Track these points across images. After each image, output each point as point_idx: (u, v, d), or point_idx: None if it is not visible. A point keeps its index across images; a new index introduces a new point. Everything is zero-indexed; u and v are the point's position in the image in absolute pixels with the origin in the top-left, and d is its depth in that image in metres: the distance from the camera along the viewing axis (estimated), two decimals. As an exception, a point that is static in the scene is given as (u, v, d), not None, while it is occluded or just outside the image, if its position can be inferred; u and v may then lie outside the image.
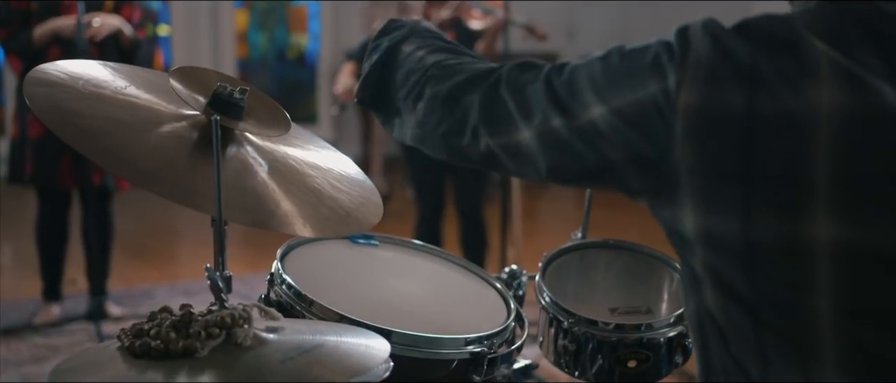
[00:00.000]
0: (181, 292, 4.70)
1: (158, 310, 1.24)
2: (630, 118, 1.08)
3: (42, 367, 3.66)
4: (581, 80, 1.14)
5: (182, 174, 1.33)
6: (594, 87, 1.12)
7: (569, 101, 1.14)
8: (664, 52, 1.08)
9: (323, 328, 1.34)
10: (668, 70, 1.06)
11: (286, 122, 1.44)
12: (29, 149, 3.92)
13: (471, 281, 1.84)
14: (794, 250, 1.01)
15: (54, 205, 4.13)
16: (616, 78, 1.11)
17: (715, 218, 1.04)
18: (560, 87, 1.16)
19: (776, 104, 1.01)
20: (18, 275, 5.19)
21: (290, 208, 1.37)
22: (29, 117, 3.90)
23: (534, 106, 1.17)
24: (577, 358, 1.69)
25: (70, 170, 3.92)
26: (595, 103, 1.11)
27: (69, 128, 1.28)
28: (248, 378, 1.15)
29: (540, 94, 1.17)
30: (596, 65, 1.14)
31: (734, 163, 1.02)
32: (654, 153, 1.08)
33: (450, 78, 1.27)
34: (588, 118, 1.12)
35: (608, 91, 1.11)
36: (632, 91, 1.09)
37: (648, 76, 1.08)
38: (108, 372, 1.16)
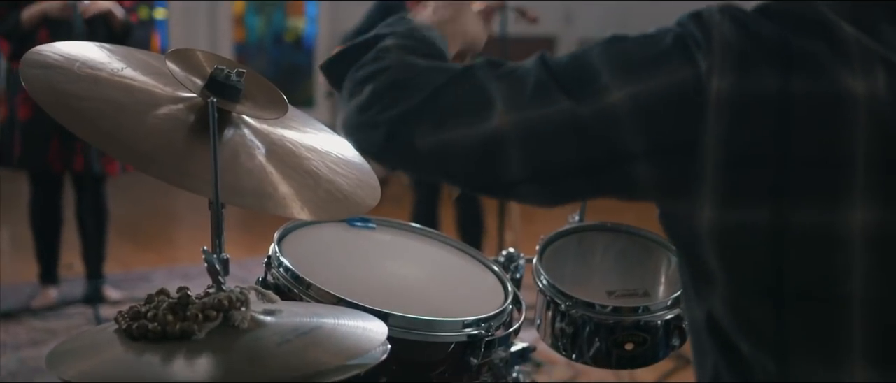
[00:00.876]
0: (179, 275, 4.71)
1: (156, 293, 1.24)
2: (657, 104, 1.01)
3: (40, 350, 3.67)
4: (593, 62, 1.05)
5: (179, 156, 1.33)
6: (612, 70, 1.03)
7: (578, 84, 1.04)
8: (686, 35, 1.02)
9: (320, 310, 1.34)
10: (697, 56, 1.00)
11: (283, 105, 1.44)
12: (18, 132, 3.91)
13: (468, 264, 1.84)
14: (829, 237, 0.98)
15: (46, 189, 4.13)
16: (637, 60, 1.03)
17: (740, 209, 0.99)
18: (563, 70, 1.07)
19: (812, 86, 0.97)
20: (16, 258, 5.19)
21: (287, 191, 1.37)
22: (17, 99, 3.89)
23: (520, 89, 1.06)
24: (574, 340, 1.69)
25: (59, 152, 3.91)
26: (614, 87, 1.02)
27: (65, 111, 1.28)
28: (246, 360, 1.15)
29: (531, 76, 1.07)
30: (608, 47, 1.06)
31: (768, 148, 0.98)
32: (680, 142, 1.01)
33: (410, 66, 1.15)
34: (606, 103, 1.02)
35: (630, 73, 1.02)
36: (659, 75, 1.01)
37: (676, 60, 1.01)
38: (105, 355, 1.16)
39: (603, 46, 1.07)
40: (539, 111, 1.05)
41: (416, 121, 1.09)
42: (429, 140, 1.08)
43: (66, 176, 4.14)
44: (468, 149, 1.07)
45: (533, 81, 1.07)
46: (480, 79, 1.09)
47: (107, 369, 1.12)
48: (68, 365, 1.13)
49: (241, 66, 1.39)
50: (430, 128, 1.08)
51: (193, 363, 1.13)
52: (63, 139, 3.86)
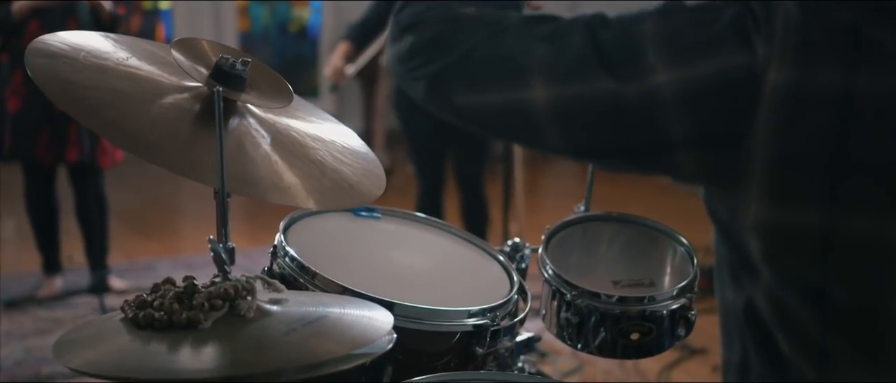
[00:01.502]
0: (184, 265, 4.71)
1: (162, 282, 1.24)
2: (706, 91, 0.92)
3: (45, 340, 3.68)
4: (642, 38, 0.96)
5: (184, 146, 1.33)
6: (660, 49, 0.94)
7: (624, 62, 0.95)
8: (746, 15, 0.92)
9: (326, 300, 1.34)
10: (756, 41, 0.90)
11: (288, 94, 1.44)
12: (7, 124, 3.91)
13: (474, 253, 1.83)
14: (882, 249, 0.90)
15: (38, 180, 4.13)
16: (688, 41, 0.93)
17: (788, 209, 0.92)
18: (610, 43, 0.97)
19: (879, 84, 0.88)
20: (20, 248, 5.19)
21: (293, 180, 1.37)
22: (7, 91, 3.88)
23: (560, 58, 0.97)
24: (579, 330, 1.69)
25: (49, 144, 3.91)
26: (662, 68, 0.93)
27: (71, 100, 1.28)
28: (252, 349, 1.15)
29: (574, 46, 0.97)
30: (657, 22, 0.96)
31: (824, 149, 0.89)
32: (727, 134, 0.92)
33: (450, 17, 1.07)
34: (651, 84, 0.94)
35: (680, 55, 0.93)
36: (710, 59, 0.92)
37: (731, 44, 0.92)
38: (111, 344, 1.16)
39: (656, 19, 0.97)
40: (578, 87, 0.97)
41: (452, 79, 1.04)
42: (465, 99, 1.04)
43: (62, 168, 4.13)
44: (505, 113, 1.02)
45: (575, 52, 0.97)
46: (519, 39, 1.01)
47: (113, 358, 1.12)
48: (74, 354, 1.13)
49: (246, 56, 1.39)
50: (464, 88, 1.04)
51: (199, 352, 1.13)
52: (53, 131, 3.86)
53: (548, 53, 0.98)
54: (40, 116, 3.80)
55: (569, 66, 0.97)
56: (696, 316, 1.69)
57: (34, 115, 3.80)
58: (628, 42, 0.96)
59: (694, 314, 1.69)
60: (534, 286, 1.77)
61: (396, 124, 4.61)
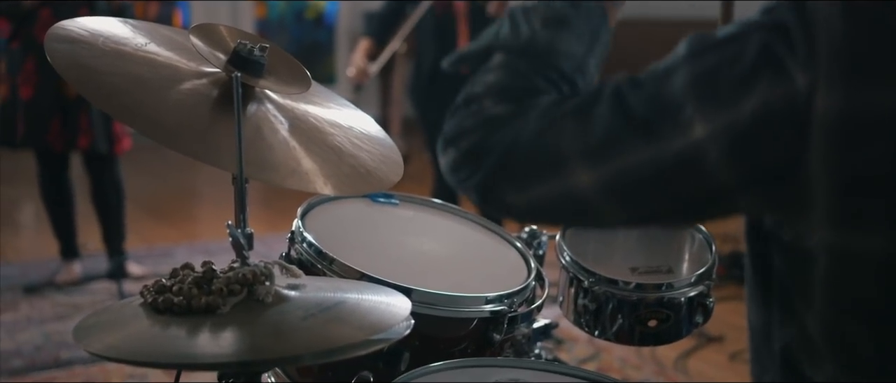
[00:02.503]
0: (201, 251, 4.73)
1: (181, 267, 1.25)
2: (748, 132, 0.86)
3: (64, 325, 3.70)
4: (673, 91, 0.91)
5: (203, 132, 1.33)
6: (695, 100, 0.88)
7: (661, 123, 0.90)
8: (777, 40, 0.85)
9: (344, 286, 1.34)
10: (792, 67, 0.84)
11: (306, 80, 1.44)
12: (20, 111, 3.92)
13: (491, 240, 1.83)
14: None
15: (51, 167, 4.15)
16: (722, 84, 0.87)
17: (853, 234, 0.87)
18: (643, 106, 0.92)
19: None
20: (39, 234, 5.23)
21: (311, 166, 1.37)
22: (19, 79, 3.90)
23: (592, 134, 0.93)
24: (597, 317, 1.69)
25: (60, 132, 3.92)
26: (700, 119, 0.87)
27: (90, 86, 1.28)
28: (270, 334, 1.15)
29: (603, 118, 0.93)
30: (688, 69, 0.91)
31: (883, 172, 0.83)
32: (780, 169, 0.86)
33: (484, 123, 1.05)
34: (692, 139, 0.88)
35: (715, 102, 0.87)
36: (746, 99, 0.85)
37: (764, 77, 0.85)
38: (131, 328, 1.16)
39: (687, 67, 0.91)
40: (618, 162, 0.92)
41: (499, 183, 1.02)
42: (517, 199, 1.01)
43: (77, 155, 4.15)
44: (559, 204, 0.98)
45: (605, 126, 0.93)
46: (549, 124, 0.98)
47: (132, 342, 1.13)
48: (94, 339, 1.13)
49: (264, 41, 1.39)
50: (512, 189, 1.01)
51: (218, 337, 1.14)
52: (65, 118, 3.87)
53: (579, 133, 0.95)
54: (52, 104, 3.81)
55: (603, 143, 0.93)
56: (715, 304, 1.69)
57: (46, 103, 3.82)
58: (662, 100, 0.91)
59: (712, 301, 1.68)
60: (551, 273, 1.77)
61: (412, 112, 4.60)
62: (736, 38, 0.89)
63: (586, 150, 0.94)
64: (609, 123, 0.93)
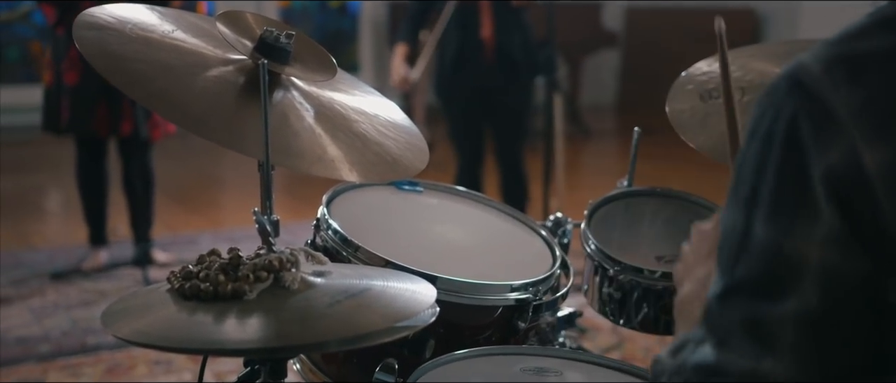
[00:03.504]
0: (225, 238, 4.75)
1: (207, 254, 1.25)
2: (836, 242, 0.81)
3: (91, 311, 3.73)
4: (766, 246, 0.84)
5: (229, 118, 1.33)
6: (780, 237, 0.83)
7: (771, 285, 0.84)
8: (804, 130, 0.82)
9: (369, 273, 1.34)
10: (821, 146, 0.81)
11: (332, 67, 1.44)
12: (65, 97, 3.95)
13: (516, 228, 1.83)
14: None
15: (91, 153, 4.18)
16: (787, 208, 0.83)
17: None
18: (750, 283, 0.85)
19: None
20: (67, 221, 5.27)
21: (336, 153, 1.37)
22: (64, 65, 3.92)
23: (759, 338, 0.84)
24: (622, 306, 1.68)
25: (106, 117, 3.95)
26: (805, 252, 0.82)
27: (118, 73, 1.29)
28: (297, 320, 1.16)
29: (734, 316, 0.85)
30: (756, 220, 0.84)
31: None
32: (875, 240, 0.81)
33: None
34: (815, 272, 0.81)
35: (796, 229, 0.82)
36: (818, 216, 0.81)
37: (821, 201, 0.81)
38: (158, 314, 1.17)
39: (764, 220, 0.85)
40: (775, 344, 0.84)
41: None
42: None
43: (112, 141, 4.18)
44: None
45: (737, 322, 0.86)
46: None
47: (160, 328, 1.14)
48: (122, 324, 1.14)
49: (290, 29, 1.39)
50: None
51: (245, 323, 1.14)
52: (110, 104, 3.90)
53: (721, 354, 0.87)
54: (97, 89, 3.84)
55: (750, 341, 0.85)
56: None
57: (92, 89, 3.85)
58: (763, 263, 0.85)
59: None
60: (575, 262, 1.76)
61: (436, 100, 4.60)
62: (762, 146, 0.85)
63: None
64: (735, 318, 0.87)
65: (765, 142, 0.85)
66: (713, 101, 1.72)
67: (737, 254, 0.86)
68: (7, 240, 4.79)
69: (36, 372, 3.15)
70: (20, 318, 3.65)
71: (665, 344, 3.48)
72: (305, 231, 1.65)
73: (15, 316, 3.66)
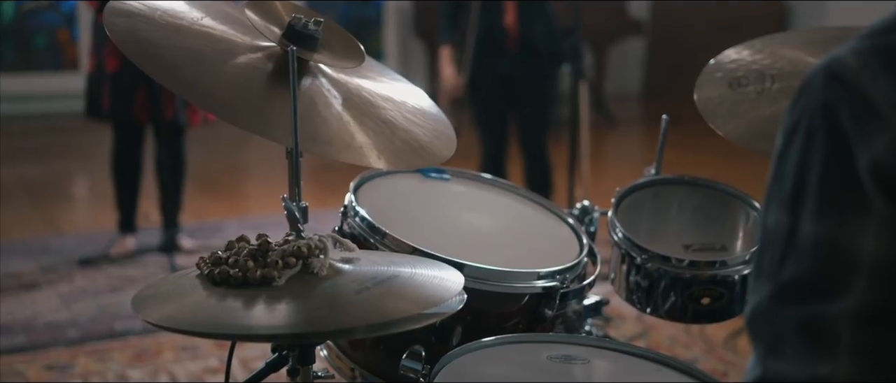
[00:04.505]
0: (251, 226, 4.77)
1: (236, 240, 1.26)
2: (890, 232, 0.79)
3: (118, 297, 3.76)
4: (817, 242, 0.82)
5: (258, 105, 1.34)
6: (833, 232, 0.81)
7: (824, 282, 0.82)
8: (846, 123, 0.81)
9: (397, 259, 1.34)
10: (870, 140, 0.79)
11: (360, 54, 1.44)
12: (106, 83, 3.99)
13: (543, 216, 1.83)
14: None
15: (129, 139, 4.22)
16: (837, 202, 0.82)
17: None
18: (800, 283, 0.83)
19: None
20: (95, 207, 5.32)
21: (364, 140, 1.37)
22: (105, 51, 3.96)
23: (814, 340, 0.82)
24: (649, 294, 1.68)
25: (145, 103, 3.99)
26: (858, 244, 0.80)
27: (148, 59, 1.29)
28: (325, 306, 1.16)
29: (785, 320, 0.83)
30: (803, 217, 0.83)
31: None
32: None
33: None
34: (868, 265, 0.80)
35: (848, 222, 0.81)
36: (863, 211, 0.79)
37: (869, 192, 0.79)
38: (188, 299, 1.18)
39: (813, 217, 0.83)
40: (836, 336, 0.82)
41: None
42: None
43: (148, 127, 4.21)
44: None
45: (790, 323, 0.84)
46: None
47: (189, 313, 1.14)
48: (152, 309, 1.15)
49: (318, 16, 1.39)
50: None
51: (273, 308, 1.15)
52: (149, 90, 3.94)
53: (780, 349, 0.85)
54: (138, 76, 3.88)
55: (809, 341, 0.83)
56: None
57: (132, 75, 3.89)
58: (828, 253, 0.83)
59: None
60: (601, 250, 1.76)
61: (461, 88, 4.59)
62: (788, 154, 0.84)
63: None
64: (790, 321, 0.84)
65: (806, 138, 0.84)
66: (742, 89, 1.71)
67: (784, 254, 0.84)
68: (35, 226, 4.84)
69: (65, 357, 3.18)
70: (49, 303, 3.69)
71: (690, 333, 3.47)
72: (330, 218, 1.66)
73: (44, 302, 3.70)
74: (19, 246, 4.45)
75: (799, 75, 1.66)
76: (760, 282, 0.86)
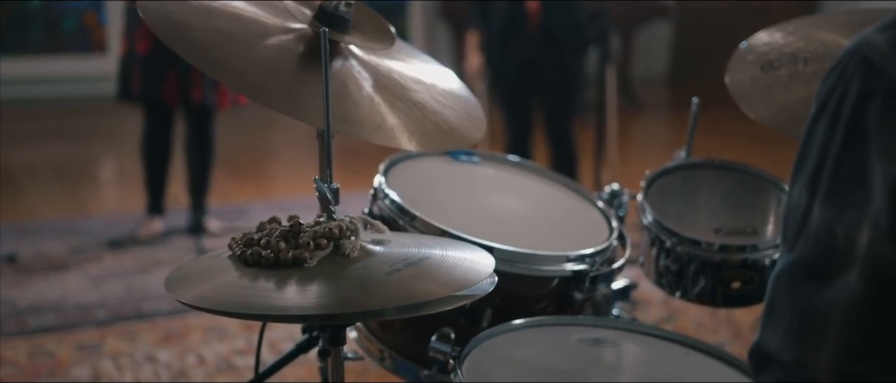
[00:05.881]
0: (277, 208, 4.79)
1: (268, 221, 1.26)
2: (886, 234, 0.79)
3: (146, 278, 3.79)
4: (821, 227, 0.83)
5: (289, 86, 1.34)
6: (833, 221, 0.81)
7: (821, 267, 0.83)
8: (870, 111, 0.80)
9: (427, 242, 1.34)
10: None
11: (391, 36, 1.44)
12: (137, 66, 4.02)
13: (572, 199, 1.82)
14: None
15: (159, 121, 4.24)
16: (842, 192, 0.82)
17: None
18: (804, 262, 0.84)
19: None
20: (123, 189, 5.36)
21: (395, 122, 1.37)
22: (136, 34, 3.99)
23: (805, 320, 0.83)
24: (679, 278, 1.67)
25: (175, 86, 4.01)
26: (860, 235, 0.80)
27: (180, 40, 1.30)
28: (357, 288, 1.16)
29: (786, 294, 0.85)
30: (816, 200, 0.83)
31: None
32: None
33: None
34: (869, 257, 0.80)
35: (847, 214, 0.81)
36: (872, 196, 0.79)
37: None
38: (220, 280, 1.18)
39: (822, 202, 0.83)
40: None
41: None
42: None
43: (177, 110, 4.24)
44: None
45: (794, 308, 0.85)
46: None
47: (222, 293, 1.15)
48: (185, 289, 1.16)
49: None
50: None
51: (306, 289, 1.15)
52: (179, 73, 3.96)
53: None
54: (168, 58, 3.90)
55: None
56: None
57: (163, 57, 3.92)
58: (822, 238, 0.83)
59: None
60: (629, 234, 1.75)
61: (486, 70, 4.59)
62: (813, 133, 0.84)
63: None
64: (797, 304, 0.85)
65: (831, 124, 0.84)
66: (774, 72, 1.69)
67: (798, 231, 0.85)
68: (64, 208, 4.88)
69: (94, 337, 3.21)
70: (78, 284, 3.72)
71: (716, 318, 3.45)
72: (355, 201, 1.66)
73: (73, 282, 3.74)
74: (48, 227, 4.50)
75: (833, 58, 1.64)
76: (783, 251, 0.87)
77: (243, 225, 4.35)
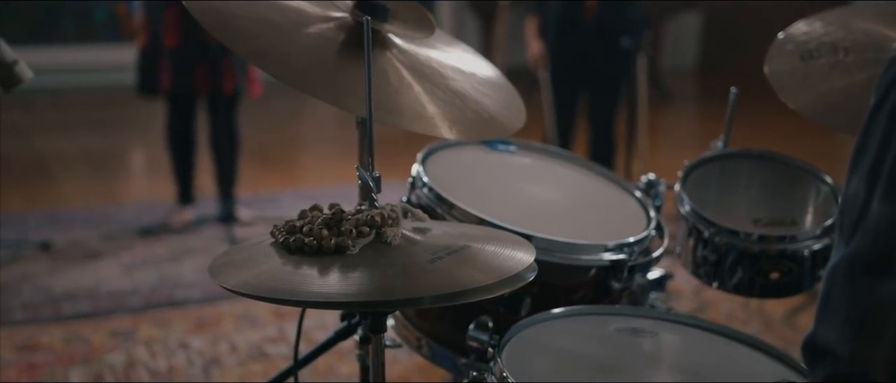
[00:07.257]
0: (306, 197, 4.81)
1: (310, 209, 1.27)
2: None
3: (178, 267, 3.82)
4: (880, 222, 0.82)
5: (330, 74, 1.34)
6: (893, 216, 0.81)
7: (880, 262, 0.82)
8: None
9: (468, 230, 1.35)
10: None
11: (430, 25, 1.44)
12: (164, 59, 4.02)
13: (610, 189, 1.82)
14: None
15: (181, 113, 4.25)
16: None
17: None
18: (862, 256, 0.83)
19: None
20: (153, 179, 5.39)
21: (435, 111, 1.37)
22: (162, 27, 3.98)
23: (860, 314, 0.82)
24: (716, 268, 1.66)
25: (206, 77, 4.02)
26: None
27: (224, 29, 1.30)
28: (399, 275, 1.16)
29: (843, 288, 0.84)
30: (875, 194, 0.82)
31: None
32: None
33: None
34: None
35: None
36: None
37: None
38: (264, 267, 1.19)
39: (882, 196, 0.83)
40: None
41: None
42: None
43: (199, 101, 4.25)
44: None
45: (847, 298, 0.84)
46: None
47: (267, 280, 1.16)
48: (230, 275, 1.16)
49: (388, -14, 1.39)
50: None
51: (348, 276, 1.16)
52: (210, 63, 3.98)
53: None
54: (197, 50, 3.93)
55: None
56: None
57: (192, 49, 3.94)
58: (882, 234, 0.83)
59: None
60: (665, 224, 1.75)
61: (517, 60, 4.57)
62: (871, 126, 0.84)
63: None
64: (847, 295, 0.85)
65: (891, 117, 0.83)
66: (813, 62, 1.68)
67: (857, 224, 0.85)
68: (96, 196, 4.92)
69: (127, 324, 3.24)
70: (111, 272, 3.76)
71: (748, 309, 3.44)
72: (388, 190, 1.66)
73: (106, 270, 3.77)
74: (81, 215, 4.54)
75: (874, 47, 1.63)
76: (840, 243, 0.87)
77: (273, 213, 4.37)
